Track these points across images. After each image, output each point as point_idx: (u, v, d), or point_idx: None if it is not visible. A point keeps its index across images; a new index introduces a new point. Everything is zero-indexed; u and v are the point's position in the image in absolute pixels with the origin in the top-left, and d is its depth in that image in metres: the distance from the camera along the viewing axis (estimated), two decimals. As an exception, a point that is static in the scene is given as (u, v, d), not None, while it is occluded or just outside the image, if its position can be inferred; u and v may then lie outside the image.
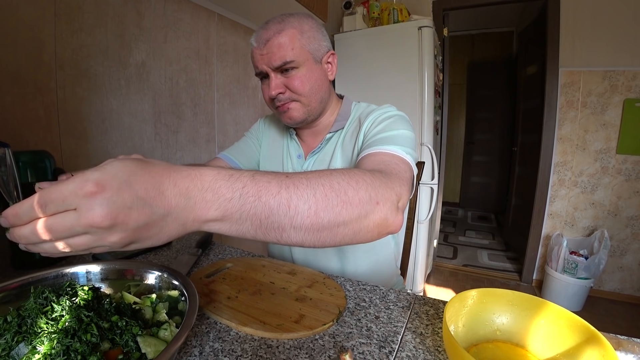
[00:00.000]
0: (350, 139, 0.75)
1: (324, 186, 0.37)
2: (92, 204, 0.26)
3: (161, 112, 1.13)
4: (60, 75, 0.83)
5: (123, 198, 0.27)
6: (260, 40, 0.66)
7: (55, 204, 0.27)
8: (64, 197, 0.26)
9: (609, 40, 2.06)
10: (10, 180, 0.54)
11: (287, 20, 0.66)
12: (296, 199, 0.35)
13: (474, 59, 4.15)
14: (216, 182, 0.32)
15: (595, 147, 2.20)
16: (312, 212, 0.36)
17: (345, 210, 0.37)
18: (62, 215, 0.27)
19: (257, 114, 1.64)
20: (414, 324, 0.49)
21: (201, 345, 0.43)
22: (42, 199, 0.27)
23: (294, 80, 0.67)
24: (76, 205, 0.26)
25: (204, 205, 0.31)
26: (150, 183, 0.29)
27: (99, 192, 0.26)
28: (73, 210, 0.27)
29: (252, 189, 0.33)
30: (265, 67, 0.67)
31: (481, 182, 4.32)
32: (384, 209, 0.41)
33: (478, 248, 3.13)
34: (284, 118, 0.73)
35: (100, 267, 0.49)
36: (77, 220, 0.26)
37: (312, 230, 0.36)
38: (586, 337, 0.37)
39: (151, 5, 1.05)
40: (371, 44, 2.01)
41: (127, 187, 0.28)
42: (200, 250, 0.74)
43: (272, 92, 0.67)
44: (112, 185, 0.27)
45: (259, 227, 0.34)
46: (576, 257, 2.07)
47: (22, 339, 0.34)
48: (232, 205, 0.32)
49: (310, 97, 0.70)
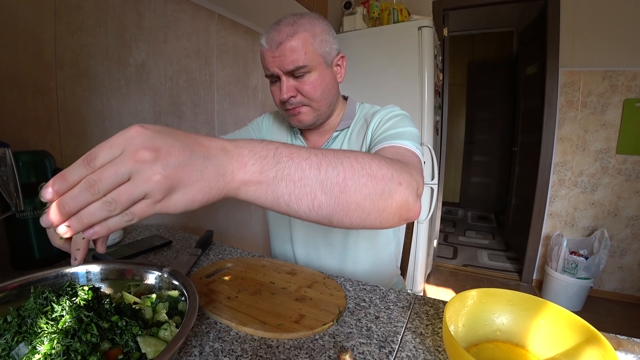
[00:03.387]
0: (357, 137, 0.76)
1: (350, 158, 0.38)
2: (137, 141, 0.27)
3: (161, 112, 1.13)
4: (60, 75, 0.83)
5: (165, 137, 0.29)
6: (272, 42, 0.65)
7: (104, 154, 0.27)
8: (112, 145, 0.27)
9: (609, 40, 2.06)
10: (10, 180, 0.54)
11: (299, 22, 0.65)
12: (325, 164, 0.36)
13: (474, 59, 4.15)
14: (250, 143, 0.34)
15: (595, 147, 2.20)
16: (340, 179, 0.36)
17: (370, 182, 0.38)
18: (110, 165, 0.27)
19: (257, 114, 1.64)
20: (414, 324, 0.49)
21: (201, 345, 0.43)
22: (91, 153, 0.27)
23: (306, 84, 0.67)
24: (123, 149, 0.27)
25: (241, 160, 0.32)
26: (190, 136, 0.31)
27: (143, 131, 0.28)
28: (119, 158, 0.27)
29: (284, 151, 0.35)
30: (277, 70, 0.66)
31: (481, 182, 4.32)
32: (406, 192, 0.41)
33: (478, 248, 3.13)
34: (293, 121, 0.74)
35: (100, 267, 0.49)
36: (123, 161, 0.27)
37: (341, 201, 0.37)
38: (586, 337, 0.37)
39: (151, 5, 1.05)
40: (371, 44, 2.01)
41: (167, 132, 0.29)
42: (200, 250, 0.74)
43: (284, 96, 0.67)
44: (156, 128, 0.29)
45: (292, 191, 0.35)
46: (576, 257, 2.07)
47: (22, 339, 0.34)
48: (267, 162, 0.33)
49: (321, 102, 0.71)
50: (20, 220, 0.62)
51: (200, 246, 0.75)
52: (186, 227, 1.25)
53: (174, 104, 1.17)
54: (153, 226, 0.99)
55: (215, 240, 0.85)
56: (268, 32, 0.67)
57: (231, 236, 1.52)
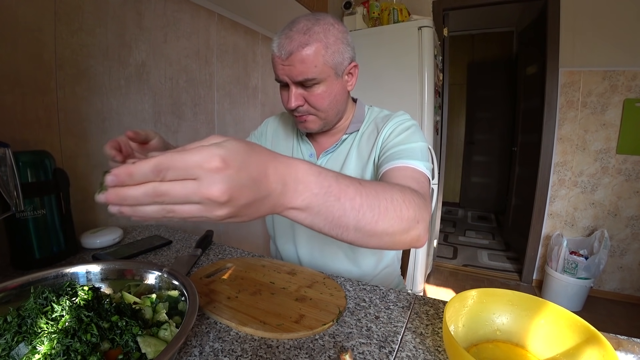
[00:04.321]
0: (367, 142, 0.76)
1: (387, 200, 0.43)
2: (215, 179, 0.27)
3: (161, 112, 1.13)
4: (60, 75, 0.83)
5: (241, 177, 0.29)
6: (283, 50, 0.63)
7: (177, 172, 0.27)
8: (187, 167, 0.27)
9: (609, 40, 2.06)
10: (10, 180, 0.54)
11: (312, 30, 0.62)
12: (365, 207, 0.40)
13: (474, 59, 4.15)
14: (308, 176, 0.35)
15: (595, 147, 2.20)
16: (373, 221, 0.41)
17: (396, 223, 0.43)
18: (181, 183, 0.27)
19: (257, 114, 1.64)
20: (414, 324, 0.49)
21: (201, 345, 0.43)
22: (163, 164, 0.27)
23: (313, 96, 0.67)
24: (198, 176, 0.27)
25: (294, 195, 0.34)
26: (261, 166, 0.31)
27: (223, 169, 0.27)
28: (192, 180, 0.27)
29: (335, 190, 0.37)
30: (286, 78, 0.66)
31: (481, 182, 4.32)
32: (420, 228, 0.47)
33: (478, 248, 3.13)
34: (300, 127, 0.74)
35: (100, 267, 0.49)
36: (195, 190, 0.27)
37: (368, 234, 0.41)
38: (586, 337, 0.37)
39: (151, 5, 1.05)
40: (371, 44, 2.01)
41: (245, 167, 0.29)
42: (200, 250, 0.74)
43: (292, 104, 0.67)
44: (235, 163, 0.28)
45: (329, 222, 0.38)
46: (576, 257, 2.07)
47: (22, 339, 0.34)
48: (316, 200, 0.36)
49: (328, 112, 0.71)
50: (20, 220, 0.62)
51: (200, 246, 0.76)
52: (186, 227, 1.25)
53: (174, 104, 1.17)
54: (153, 226, 0.99)
55: (215, 240, 0.85)
56: (280, 36, 0.64)
57: (231, 236, 1.52)
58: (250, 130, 1.03)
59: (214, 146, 0.28)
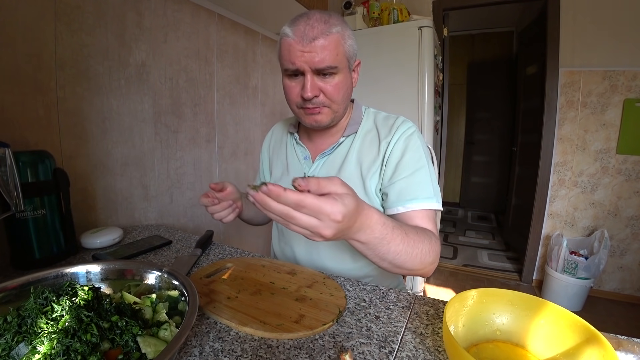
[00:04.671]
0: (368, 148, 0.75)
1: (418, 249, 0.55)
2: (331, 226, 0.40)
3: (161, 112, 1.13)
4: (60, 75, 0.83)
5: (345, 226, 0.42)
6: (305, 36, 0.61)
7: (310, 211, 0.39)
8: (318, 212, 0.39)
9: (609, 40, 2.06)
10: (10, 180, 0.54)
11: (331, 21, 0.63)
12: (403, 252, 0.53)
13: (474, 59, 4.14)
14: (376, 225, 0.48)
15: (595, 147, 2.20)
16: (404, 261, 0.54)
17: (418, 265, 0.56)
18: (308, 217, 0.40)
19: (257, 114, 1.64)
20: (414, 324, 0.49)
21: (201, 345, 0.43)
22: (303, 202, 0.38)
23: (330, 85, 0.66)
24: (322, 219, 0.40)
25: (363, 234, 0.47)
26: (357, 217, 0.44)
27: (339, 222, 0.40)
28: (316, 219, 0.40)
29: (389, 237, 0.50)
30: (304, 66, 0.63)
31: (481, 182, 4.31)
32: (432, 267, 0.60)
33: (478, 248, 3.13)
34: (309, 120, 0.71)
35: (100, 267, 0.49)
36: (315, 227, 0.40)
37: (395, 267, 0.55)
38: (586, 337, 0.37)
39: (151, 5, 1.05)
40: (371, 44, 2.01)
41: (350, 220, 0.43)
42: (200, 250, 0.74)
43: (309, 94, 0.65)
44: (346, 219, 0.41)
45: (374, 254, 0.51)
46: (576, 257, 2.07)
47: (22, 339, 0.34)
48: (374, 240, 0.49)
49: (340, 105, 0.70)
50: (20, 220, 0.62)
51: (200, 246, 0.75)
52: (186, 227, 1.25)
53: (174, 104, 1.17)
54: (153, 226, 0.99)
55: (215, 240, 0.85)
56: (296, 24, 0.63)
57: (231, 236, 1.52)
58: (251, 130, 1.03)
59: (341, 204, 0.40)
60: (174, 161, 1.20)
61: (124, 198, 1.02)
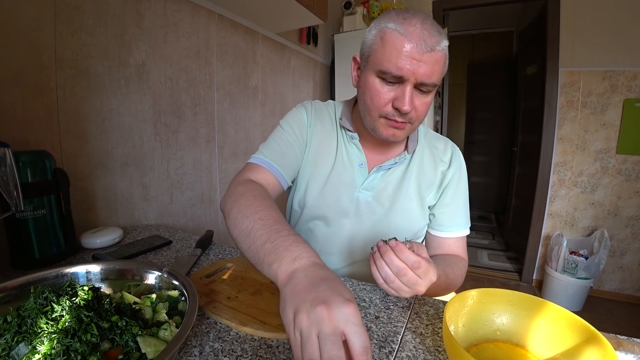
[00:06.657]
0: (429, 167, 0.75)
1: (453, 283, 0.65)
2: (426, 285, 0.50)
3: (161, 112, 1.13)
4: (60, 75, 0.83)
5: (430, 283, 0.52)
6: (423, 42, 0.53)
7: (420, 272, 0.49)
8: (425, 273, 0.49)
9: (609, 40, 2.06)
10: (10, 180, 0.54)
11: (440, 36, 0.56)
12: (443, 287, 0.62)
13: (474, 59, 4.14)
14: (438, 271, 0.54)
15: (595, 147, 2.20)
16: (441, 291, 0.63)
17: (446, 290, 0.65)
18: (415, 277, 0.48)
19: (257, 114, 1.64)
20: (414, 324, 0.49)
21: (201, 345, 0.43)
22: (419, 264, 0.48)
23: (423, 103, 0.60)
24: (424, 278, 0.49)
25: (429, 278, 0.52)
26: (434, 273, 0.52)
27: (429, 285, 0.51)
28: (419, 278, 0.49)
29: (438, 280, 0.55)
30: (410, 75, 0.55)
31: (481, 182, 4.31)
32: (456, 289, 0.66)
33: (478, 248, 3.13)
34: (386, 132, 0.63)
35: (100, 267, 0.49)
36: (415, 283, 0.49)
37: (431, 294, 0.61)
38: (586, 337, 0.37)
39: (151, 5, 1.05)
40: (371, 44, 2.01)
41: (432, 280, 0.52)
42: (200, 250, 0.74)
43: (407, 107, 0.57)
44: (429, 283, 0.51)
45: None
46: (576, 257, 2.07)
47: (22, 339, 0.34)
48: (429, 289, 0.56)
49: (419, 124, 0.66)
50: (20, 220, 0.62)
51: (200, 246, 0.75)
52: (186, 227, 1.25)
53: (174, 104, 1.17)
54: (153, 226, 0.99)
55: (215, 240, 0.85)
56: (410, 22, 0.55)
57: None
58: (251, 130, 1.03)
59: (433, 271, 0.50)
60: (174, 161, 1.20)
61: (124, 198, 1.02)
